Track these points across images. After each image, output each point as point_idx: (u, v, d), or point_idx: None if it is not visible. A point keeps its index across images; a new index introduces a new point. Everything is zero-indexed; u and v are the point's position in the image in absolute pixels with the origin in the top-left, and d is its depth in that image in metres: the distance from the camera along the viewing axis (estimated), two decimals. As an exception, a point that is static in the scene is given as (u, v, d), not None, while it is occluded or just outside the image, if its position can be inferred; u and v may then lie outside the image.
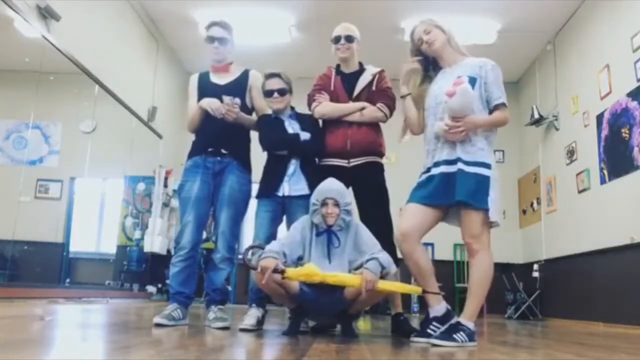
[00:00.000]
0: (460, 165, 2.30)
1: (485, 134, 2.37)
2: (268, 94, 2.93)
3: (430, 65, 2.56)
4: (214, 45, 2.95)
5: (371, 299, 2.47)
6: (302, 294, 2.47)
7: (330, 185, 2.53)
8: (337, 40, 2.91)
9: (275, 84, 2.92)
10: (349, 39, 2.90)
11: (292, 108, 3.00)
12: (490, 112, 2.39)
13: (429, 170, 2.44)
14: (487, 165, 2.31)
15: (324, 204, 2.48)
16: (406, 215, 2.40)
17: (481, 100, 2.37)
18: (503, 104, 2.37)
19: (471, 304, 2.31)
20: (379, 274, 2.29)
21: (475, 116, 2.32)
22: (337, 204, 2.48)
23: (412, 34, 2.55)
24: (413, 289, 2.41)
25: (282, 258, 2.38)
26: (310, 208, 2.55)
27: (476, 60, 2.45)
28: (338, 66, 3.00)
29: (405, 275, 2.69)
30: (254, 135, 3.00)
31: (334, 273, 2.37)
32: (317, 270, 2.26)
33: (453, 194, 2.29)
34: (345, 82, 2.91)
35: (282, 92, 2.91)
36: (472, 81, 2.34)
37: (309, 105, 2.96)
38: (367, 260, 2.33)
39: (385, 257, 2.37)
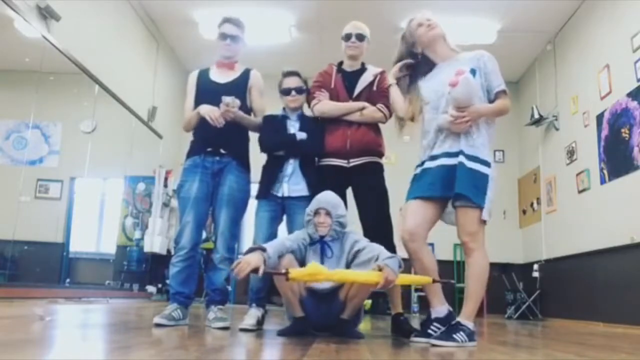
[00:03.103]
0: (461, 159, 2.29)
1: (487, 126, 2.38)
2: (285, 92, 2.93)
3: (419, 66, 2.56)
4: (226, 43, 2.94)
5: (362, 296, 2.47)
6: (303, 303, 2.49)
7: (324, 197, 2.56)
8: (348, 37, 2.91)
9: (293, 82, 2.93)
10: (360, 37, 2.91)
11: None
12: (492, 100, 2.40)
13: (423, 163, 2.44)
14: (487, 164, 2.32)
15: (316, 213, 2.51)
16: (409, 213, 2.39)
17: (482, 91, 2.38)
18: (504, 91, 2.39)
19: (469, 304, 2.31)
20: (398, 271, 2.27)
21: (479, 105, 2.32)
22: (329, 214, 2.50)
23: (409, 22, 2.56)
24: (424, 280, 2.39)
25: (277, 253, 2.37)
26: (304, 219, 2.56)
27: (471, 53, 2.47)
28: (340, 64, 3.00)
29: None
30: (253, 135, 3.00)
31: (339, 270, 2.37)
32: (321, 268, 2.25)
33: (452, 187, 2.28)
34: (346, 81, 2.91)
35: (299, 91, 2.92)
36: (472, 73, 2.35)
37: (309, 102, 2.96)
38: (384, 259, 2.29)
39: (397, 258, 2.34)
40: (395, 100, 2.60)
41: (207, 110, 2.78)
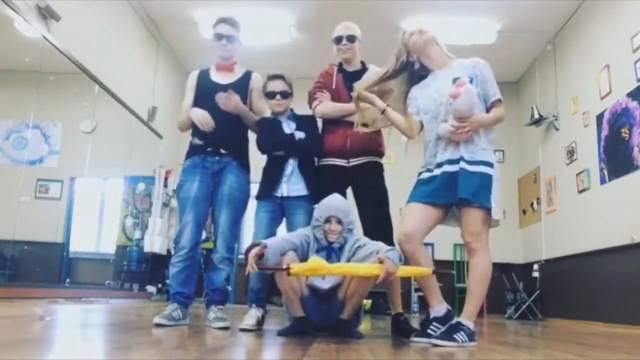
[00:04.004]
0: (462, 165, 2.30)
1: (486, 133, 2.38)
2: (270, 95, 2.92)
3: (414, 73, 2.55)
4: (222, 43, 2.93)
5: (361, 293, 2.47)
6: (304, 303, 2.49)
7: (335, 203, 2.54)
8: (338, 40, 2.90)
9: (278, 85, 2.91)
10: (351, 38, 2.89)
11: (291, 110, 3.00)
12: (488, 109, 2.40)
13: (430, 170, 2.44)
14: (490, 164, 2.33)
15: (327, 220, 2.50)
16: (408, 215, 2.40)
17: (480, 99, 2.38)
18: (499, 100, 2.40)
19: (471, 304, 2.31)
20: (398, 263, 2.28)
21: (480, 115, 2.33)
22: (340, 222, 2.50)
23: (402, 35, 2.56)
24: (424, 271, 2.38)
25: (280, 249, 2.38)
26: (312, 222, 2.56)
27: (466, 60, 2.46)
28: (340, 64, 2.99)
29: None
30: (253, 135, 3.00)
31: (340, 264, 2.37)
32: (322, 263, 2.25)
33: (455, 193, 2.29)
34: (347, 81, 2.91)
35: (284, 95, 2.91)
36: (469, 81, 2.35)
37: (310, 103, 2.95)
38: (385, 251, 2.30)
39: (397, 251, 2.35)
40: (397, 123, 2.52)
41: (199, 117, 2.79)
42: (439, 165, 2.39)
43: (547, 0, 6.04)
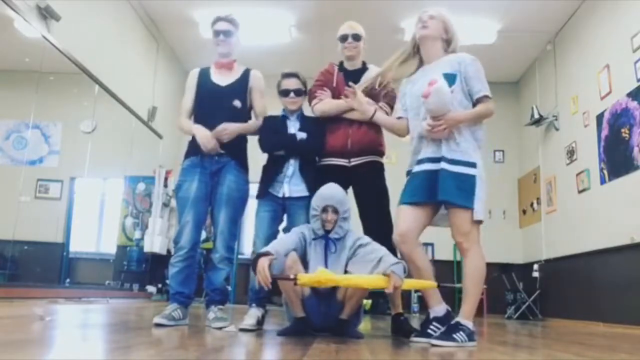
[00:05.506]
0: (443, 164, 2.30)
1: (472, 131, 2.36)
2: (284, 93, 2.93)
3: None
4: (220, 38, 2.94)
5: (360, 294, 2.49)
6: (304, 303, 2.49)
7: (331, 192, 2.55)
8: (344, 39, 2.91)
9: (292, 84, 2.92)
10: (356, 37, 2.91)
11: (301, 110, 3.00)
12: (473, 105, 2.38)
13: (412, 169, 2.45)
14: (473, 165, 2.31)
15: (324, 210, 2.51)
16: (400, 217, 2.42)
17: (465, 95, 2.37)
18: (486, 96, 2.37)
19: (468, 303, 2.32)
20: (403, 276, 2.29)
21: (456, 112, 2.31)
22: (336, 211, 2.52)
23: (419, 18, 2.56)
24: (429, 284, 2.39)
25: (284, 252, 2.39)
26: (310, 212, 2.57)
27: (454, 55, 2.45)
28: (341, 63, 3.00)
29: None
30: (250, 136, 3.00)
31: (347, 275, 2.38)
32: (329, 275, 2.26)
33: (436, 192, 2.29)
34: (348, 80, 2.91)
35: (298, 93, 2.92)
36: (452, 77, 2.34)
37: (310, 101, 2.96)
38: (390, 265, 2.30)
39: (402, 264, 2.35)
40: (387, 125, 2.59)
41: (202, 139, 2.79)
42: (420, 162, 2.40)
43: (547, 0, 6.04)
